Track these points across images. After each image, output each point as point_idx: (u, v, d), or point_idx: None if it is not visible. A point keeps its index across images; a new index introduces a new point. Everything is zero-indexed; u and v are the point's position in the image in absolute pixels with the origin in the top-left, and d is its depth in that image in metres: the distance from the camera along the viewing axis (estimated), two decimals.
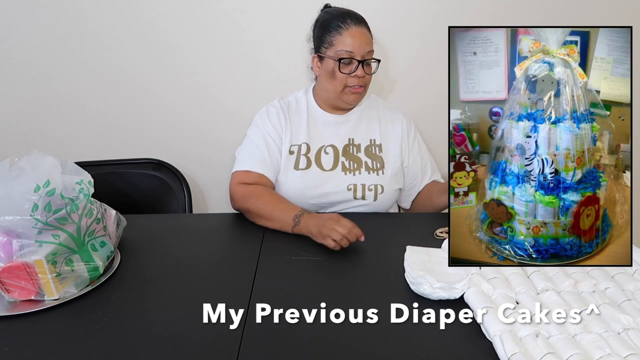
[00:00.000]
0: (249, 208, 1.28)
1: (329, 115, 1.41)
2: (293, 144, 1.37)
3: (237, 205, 1.32)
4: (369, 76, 1.34)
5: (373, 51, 1.33)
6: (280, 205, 1.25)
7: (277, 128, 1.37)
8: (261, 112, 1.41)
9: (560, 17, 1.63)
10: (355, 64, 1.29)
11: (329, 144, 1.38)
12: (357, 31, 1.30)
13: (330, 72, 1.32)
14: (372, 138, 1.41)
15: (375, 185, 1.36)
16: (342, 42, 1.29)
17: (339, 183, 1.35)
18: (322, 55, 1.33)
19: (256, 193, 1.28)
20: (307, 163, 1.36)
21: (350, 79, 1.31)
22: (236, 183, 1.33)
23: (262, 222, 1.26)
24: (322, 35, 1.33)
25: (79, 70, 1.63)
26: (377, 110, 1.45)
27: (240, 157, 1.38)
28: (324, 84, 1.37)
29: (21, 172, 0.95)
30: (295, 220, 1.19)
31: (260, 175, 1.34)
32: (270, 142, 1.36)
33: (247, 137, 1.41)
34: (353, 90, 1.32)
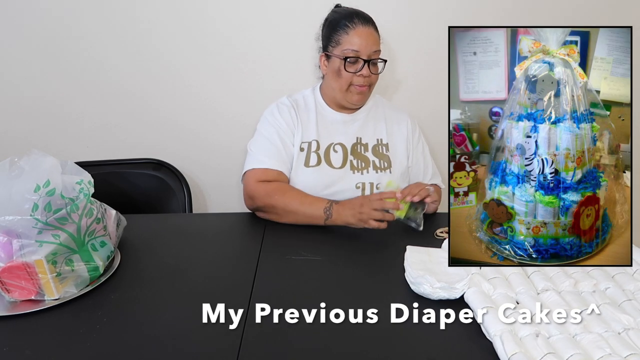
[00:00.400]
0: (275, 204, 1.27)
1: (337, 114, 1.41)
2: (304, 141, 1.38)
3: (259, 203, 1.31)
4: (375, 76, 1.35)
5: (380, 51, 1.34)
6: (307, 199, 1.27)
7: (290, 124, 1.38)
8: (271, 109, 1.41)
9: (560, 17, 1.63)
10: (361, 63, 1.30)
11: (337, 142, 1.39)
12: (364, 31, 1.30)
13: (336, 70, 1.33)
14: (379, 137, 1.42)
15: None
16: (348, 41, 1.30)
17: (348, 182, 1.36)
18: (329, 54, 1.34)
19: (280, 189, 1.29)
20: (317, 160, 1.36)
21: (355, 77, 1.32)
22: (255, 181, 1.32)
23: (289, 218, 1.27)
24: (330, 34, 1.34)
25: (79, 71, 1.63)
26: (383, 110, 1.46)
27: (254, 153, 1.37)
28: (330, 82, 1.37)
29: (21, 172, 0.95)
30: (326, 213, 1.22)
31: (279, 172, 1.34)
32: (285, 138, 1.36)
33: (258, 132, 1.40)
34: (358, 90, 1.33)
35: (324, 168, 1.36)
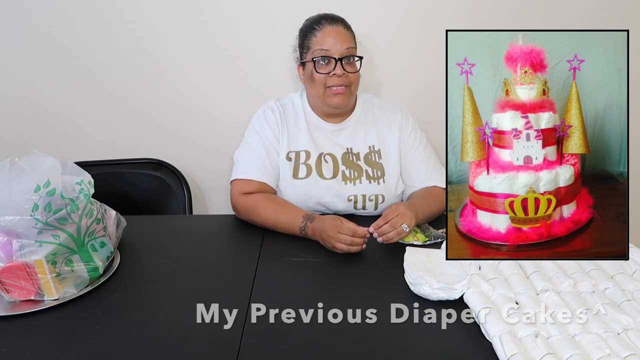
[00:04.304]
0: (254, 221, 1.28)
1: (325, 123, 1.37)
2: (291, 150, 1.35)
3: (241, 217, 1.32)
4: (353, 75, 1.29)
5: (354, 48, 1.30)
6: (284, 215, 1.24)
7: (276, 132, 1.35)
8: (258, 116, 1.38)
9: (560, 20, 1.63)
10: (333, 62, 1.26)
11: (327, 152, 1.36)
12: (331, 30, 1.28)
13: (310, 75, 1.29)
14: (371, 144, 1.37)
15: (375, 196, 1.33)
16: (317, 42, 1.28)
17: (339, 194, 1.33)
18: (303, 61, 1.32)
19: (258, 205, 1.27)
20: (307, 172, 1.33)
21: (329, 79, 1.27)
22: (238, 194, 1.31)
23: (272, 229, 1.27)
24: (302, 42, 1.33)
25: (79, 71, 1.63)
26: (373, 113, 1.40)
27: (240, 163, 1.35)
28: (309, 90, 1.35)
29: (21, 172, 0.95)
30: (302, 232, 1.21)
31: (261, 183, 1.32)
32: (270, 148, 1.34)
33: (244, 141, 1.38)
34: (335, 92, 1.28)
35: (314, 178, 1.33)
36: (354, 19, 1.35)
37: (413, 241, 1.17)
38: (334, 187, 1.33)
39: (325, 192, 1.33)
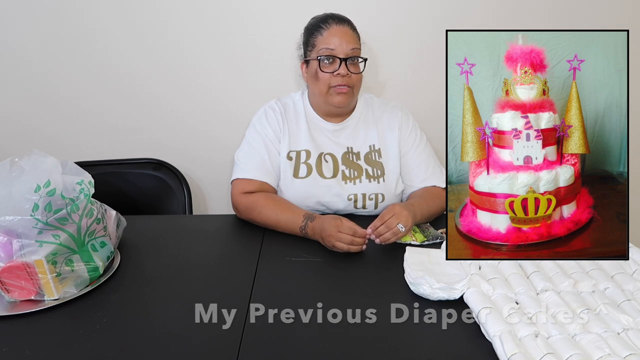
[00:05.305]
0: (255, 220, 1.29)
1: (326, 123, 1.38)
2: (292, 150, 1.35)
3: (241, 216, 1.33)
4: (356, 76, 1.30)
5: (358, 49, 1.30)
6: (285, 214, 1.25)
7: (277, 131, 1.35)
8: (259, 115, 1.39)
9: (560, 20, 1.63)
10: (338, 62, 1.27)
11: (327, 151, 1.36)
12: (338, 29, 1.28)
13: (314, 73, 1.30)
14: (371, 144, 1.38)
15: (375, 195, 1.34)
16: (323, 41, 1.28)
17: (339, 193, 1.33)
18: (308, 59, 1.32)
19: (259, 204, 1.28)
20: (307, 171, 1.34)
21: (333, 78, 1.27)
22: (238, 193, 1.32)
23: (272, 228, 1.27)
24: (307, 40, 1.33)
25: (79, 71, 1.63)
26: (373, 113, 1.41)
27: (241, 163, 1.36)
28: (311, 88, 1.35)
29: (22, 172, 0.95)
30: (302, 232, 1.21)
31: (262, 182, 1.33)
32: (271, 147, 1.35)
33: (245, 140, 1.39)
34: (338, 91, 1.28)
35: (314, 178, 1.33)
36: (354, 19, 1.35)
37: (411, 241, 1.18)
38: (334, 187, 1.33)
39: (326, 191, 1.33)
